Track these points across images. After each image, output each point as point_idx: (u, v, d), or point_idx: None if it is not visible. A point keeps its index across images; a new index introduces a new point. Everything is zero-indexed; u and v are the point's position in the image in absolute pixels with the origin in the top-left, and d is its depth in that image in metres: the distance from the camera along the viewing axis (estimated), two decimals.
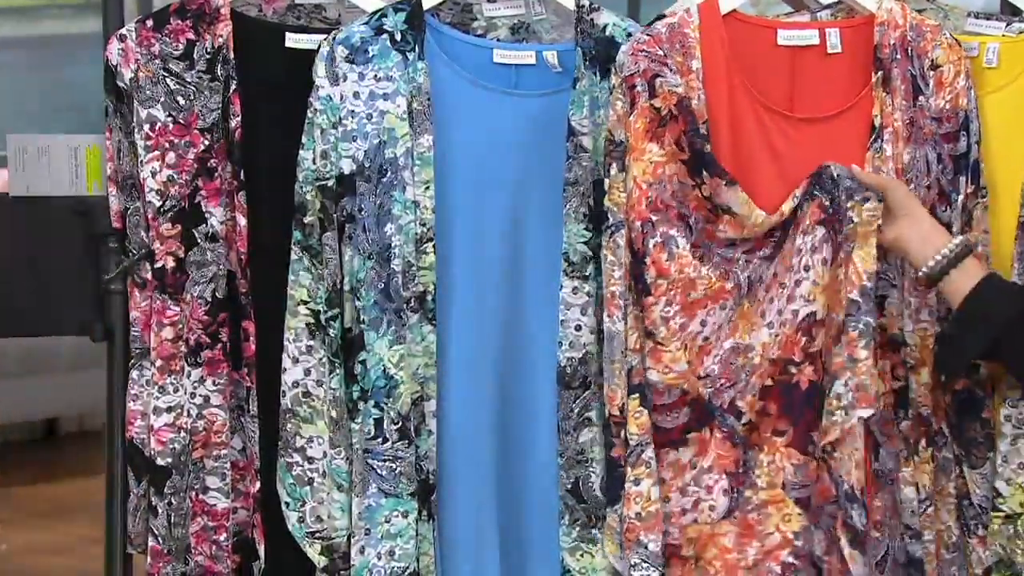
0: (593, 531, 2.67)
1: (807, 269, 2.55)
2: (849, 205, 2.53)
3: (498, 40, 2.76)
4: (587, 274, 2.65)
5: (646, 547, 2.58)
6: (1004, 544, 2.66)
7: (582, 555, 2.68)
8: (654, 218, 2.57)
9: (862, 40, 2.65)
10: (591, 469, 2.67)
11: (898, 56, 2.63)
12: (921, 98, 2.63)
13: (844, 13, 2.72)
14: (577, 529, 2.68)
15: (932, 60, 2.64)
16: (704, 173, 2.56)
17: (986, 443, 2.64)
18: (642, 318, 2.58)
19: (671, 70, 2.57)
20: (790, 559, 2.59)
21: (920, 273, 2.53)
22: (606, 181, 2.62)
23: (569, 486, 2.68)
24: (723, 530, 2.59)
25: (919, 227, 2.54)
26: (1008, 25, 2.80)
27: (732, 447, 2.59)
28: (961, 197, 2.63)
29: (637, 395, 2.59)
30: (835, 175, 2.54)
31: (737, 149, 2.61)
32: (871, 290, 2.52)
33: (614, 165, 2.60)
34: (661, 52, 2.58)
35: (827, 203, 2.54)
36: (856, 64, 2.66)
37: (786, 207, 2.56)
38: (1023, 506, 2.65)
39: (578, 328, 2.66)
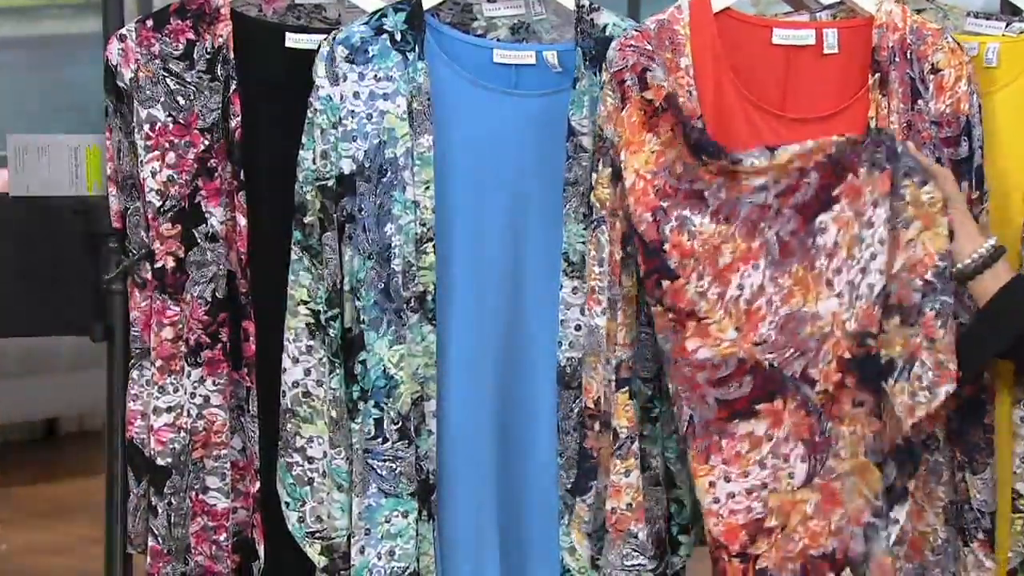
0: None
1: (882, 242, 2.52)
2: (905, 183, 2.52)
3: (498, 40, 2.76)
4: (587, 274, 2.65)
5: (636, 536, 2.59)
6: None
7: (580, 555, 2.68)
8: (665, 204, 2.56)
9: (860, 42, 2.64)
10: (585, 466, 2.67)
11: (897, 59, 2.62)
12: (920, 102, 2.63)
13: (844, 14, 2.72)
14: (577, 529, 2.68)
15: (933, 64, 2.63)
16: (704, 156, 2.55)
17: (987, 448, 2.63)
18: (664, 306, 2.55)
19: (658, 65, 2.57)
20: (872, 519, 2.58)
21: (953, 269, 2.53)
22: (594, 176, 2.61)
23: (569, 486, 2.68)
24: (804, 497, 2.58)
25: (960, 224, 2.54)
26: (1008, 25, 2.80)
27: (807, 415, 2.57)
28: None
29: (626, 388, 2.59)
30: (897, 149, 2.53)
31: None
32: (945, 270, 2.52)
33: (601, 161, 2.60)
34: (649, 47, 2.58)
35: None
36: (853, 66, 2.65)
37: (809, 144, 2.54)
38: None
39: (578, 328, 2.66)
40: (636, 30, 2.62)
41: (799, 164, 2.54)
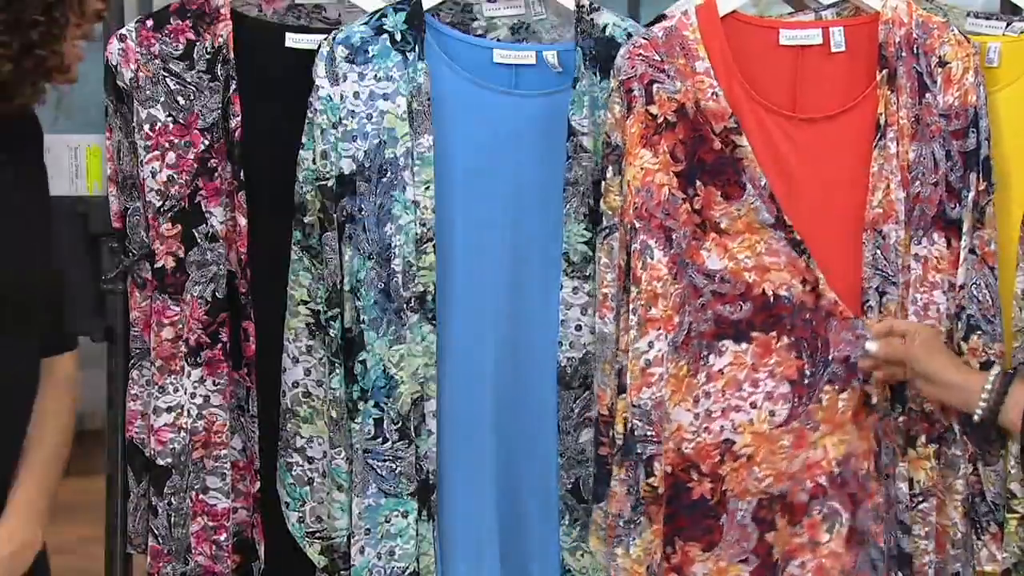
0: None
1: (754, 407, 2.59)
2: (826, 390, 2.60)
3: (498, 40, 2.76)
4: (587, 274, 2.65)
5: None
6: (1020, 545, 2.66)
7: (582, 555, 2.68)
8: (637, 224, 2.57)
9: (866, 38, 2.65)
10: (591, 469, 2.67)
11: (903, 53, 2.62)
12: (928, 95, 2.63)
13: (849, 12, 2.72)
14: (577, 529, 2.68)
15: (940, 57, 2.64)
16: (699, 183, 2.56)
17: (999, 440, 2.64)
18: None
19: (669, 76, 2.57)
20: (822, 480, 2.61)
21: (976, 419, 2.52)
22: (603, 183, 2.62)
23: (569, 486, 2.68)
24: (779, 436, 2.60)
25: (946, 378, 2.54)
26: (1009, 25, 2.80)
27: (797, 358, 2.59)
28: (972, 194, 2.62)
29: (625, 395, 2.59)
30: (829, 355, 2.59)
31: None
32: (839, 476, 2.61)
33: (610, 168, 2.60)
34: (658, 57, 2.58)
35: (807, 371, 2.59)
36: (860, 62, 2.65)
37: (784, 290, 2.59)
38: None
39: (578, 328, 2.66)
40: (644, 38, 2.61)
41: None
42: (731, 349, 2.59)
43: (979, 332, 2.61)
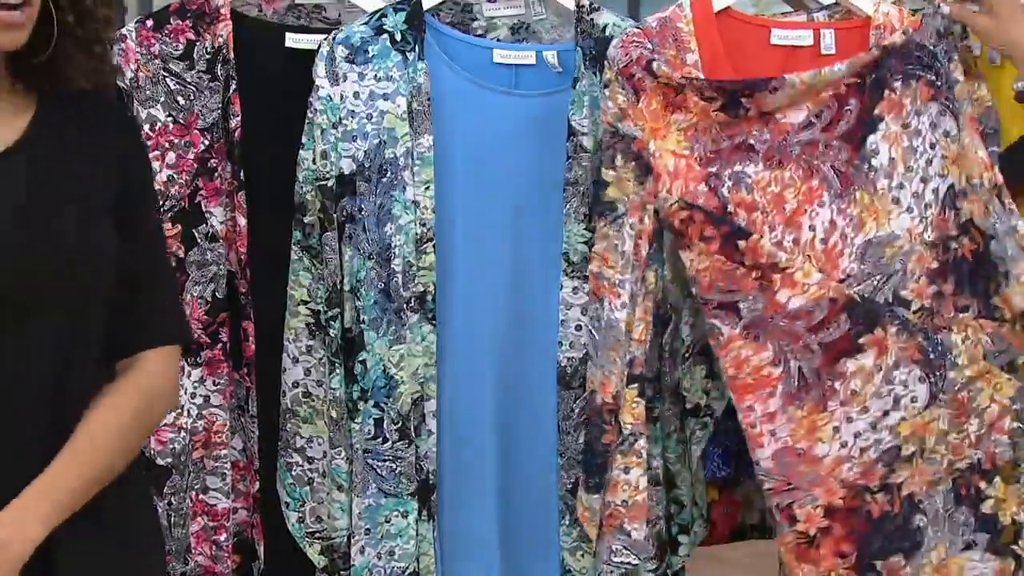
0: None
1: (933, 146, 2.54)
2: (952, 67, 2.55)
3: (498, 40, 2.76)
4: (587, 274, 2.65)
5: (628, 535, 2.59)
6: None
7: (583, 555, 2.68)
8: (713, 169, 2.56)
9: (856, 42, 2.64)
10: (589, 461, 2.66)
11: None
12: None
13: (841, 15, 2.71)
14: (578, 529, 2.68)
15: None
16: (743, 101, 2.55)
17: None
18: (747, 266, 2.55)
19: (660, 61, 2.57)
20: (1015, 425, 2.57)
21: (1018, 85, 2.54)
22: (607, 172, 2.60)
23: (570, 486, 2.68)
24: (934, 415, 2.57)
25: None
26: None
27: (910, 337, 2.56)
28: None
29: (636, 385, 2.58)
30: (932, 48, 2.54)
31: None
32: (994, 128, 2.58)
33: (619, 156, 2.59)
34: (650, 46, 2.58)
35: (933, 78, 2.55)
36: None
37: (842, 65, 2.56)
38: None
39: (578, 328, 2.66)
40: (638, 27, 2.62)
41: (833, 91, 2.56)
42: (852, 367, 2.57)
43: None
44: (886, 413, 2.56)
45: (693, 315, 2.63)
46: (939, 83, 2.56)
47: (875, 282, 2.56)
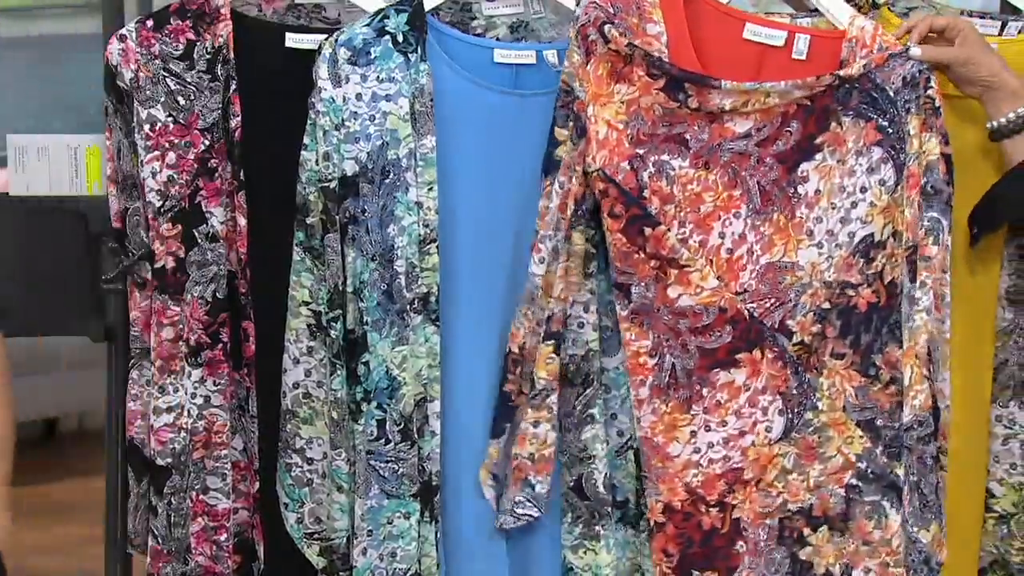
0: (596, 528, 2.67)
1: (863, 190, 2.54)
2: (908, 119, 2.53)
3: (497, 39, 2.76)
4: (589, 272, 2.65)
5: (533, 487, 2.61)
6: (998, 544, 2.66)
7: (585, 552, 2.68)
8: (641, 151, 2.56)
9: (829, 52, 2.60)
10: (593, 466, 2.66)
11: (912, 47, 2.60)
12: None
13: (825, 23, 2.69)
14: (580, 527, 2.67)
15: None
16: (687, 85, 2.54)
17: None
18: (647, 253, 2.55)
19: (619, 26, 2.56)
20: (854, 481, 2.58)
21: (993, 124, 2.53)
22: (559, 131, 2.59)
23: (571, 484, 2.67)
24: (782, 451, 2.59)
25: (999, 82, 2.52)
26: (1004, 25, 2.79)
27: (784, 367, 2.58)
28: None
29: (552, 342, 2.59)
30: (892, 95, 2.53)
31: None
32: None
33: (569, 116, 2.58)
34: (612, 10, 2.56)
35: (884, 123, 2.53)
36: (819, 74, 2.62)
37: (801, 83, 2.54)
38: (1015, 506, 2.65)
39: (580, 325, 2.66)
40: None
41: (782, 107, 2.55)
42: (723, 379, 2.59)
43: None
44: (742, 433, 2.59)
45: None
46: (889, 130, 2.54)
47: (767, 304, 2.57)
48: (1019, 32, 2.78)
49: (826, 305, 2.56)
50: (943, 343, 2.53)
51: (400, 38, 2.66)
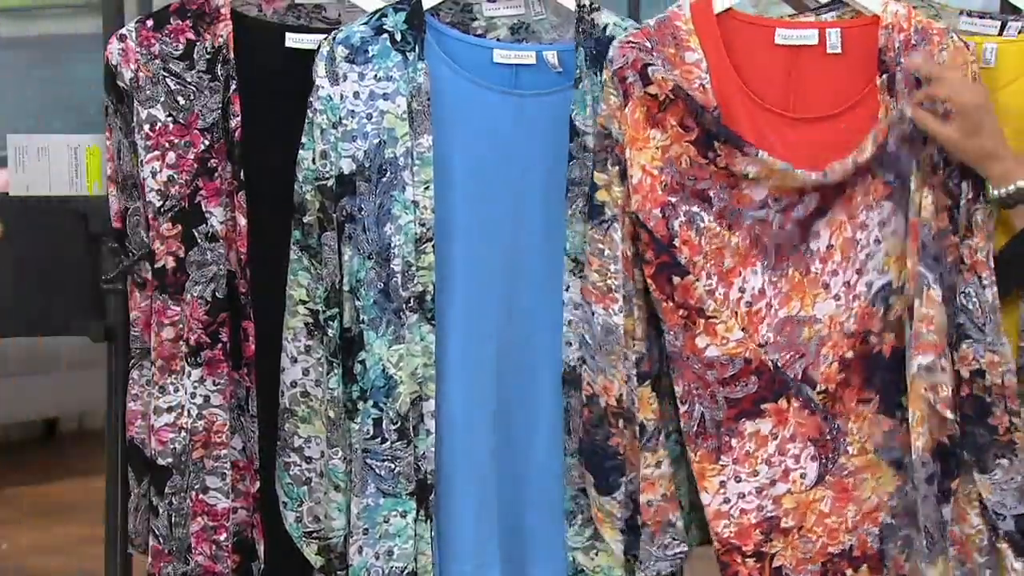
0: None
1: (878, 242, 2.59)
2: (912, 170, 2.58)
3: (498, 40, 2.76)
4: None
5: (674, 525, 2.62)
6: None
7: (596, 554, 2.68)
8: (673, 200, 2.58)
9: (863, 41, 2.64)
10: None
11: (902, 60, 2.63)
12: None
13: (848, 14, 2.71)
14: (590, 529, 2.68)
15: (938, 64, 2.64)
16: (716, 145, 2.57)
17: (993, 448, 2.63)
18: (675, 302, 2.58)
19: (659, 63, 2.58)
20: (888, 520, 2.62)
21: (997, 192, 2.55)
22: (599, 175, 2.61)
23: (582, 486, 2.67)
24: (818, 496, 2.61)
25: (998, 153, 2.55)
26: (1005, 25, 2.79)
27: (811, 415, 2.60)
28: (964, 202, 2.63)
29: (648, 382, 2.60)
30: (896, 152, 2.56)
31: None
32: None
33: (608, 159, 2.60)
34: (648, 44, 2.59)
35: (891, 178, 2.58)
36: (856, 65, 2.65)
37: (835, 167, 2.57)
38: None
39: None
40: (636, 28, 2.63)
41: (806, 184, 2.58)
42: (750, 428, 2.61)
43: (969, 340, 2.60)
44: (773, 483, 2.61)
45: None
46: (895, 183, 2.59)
47: (788, 356, 2.60)
48: (1019, 32, 2.78)
49: (849, 354, 2.61)
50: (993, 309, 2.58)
51: (398, 37, 2.66)
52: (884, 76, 2.62)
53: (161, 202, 2.71)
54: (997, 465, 2.61)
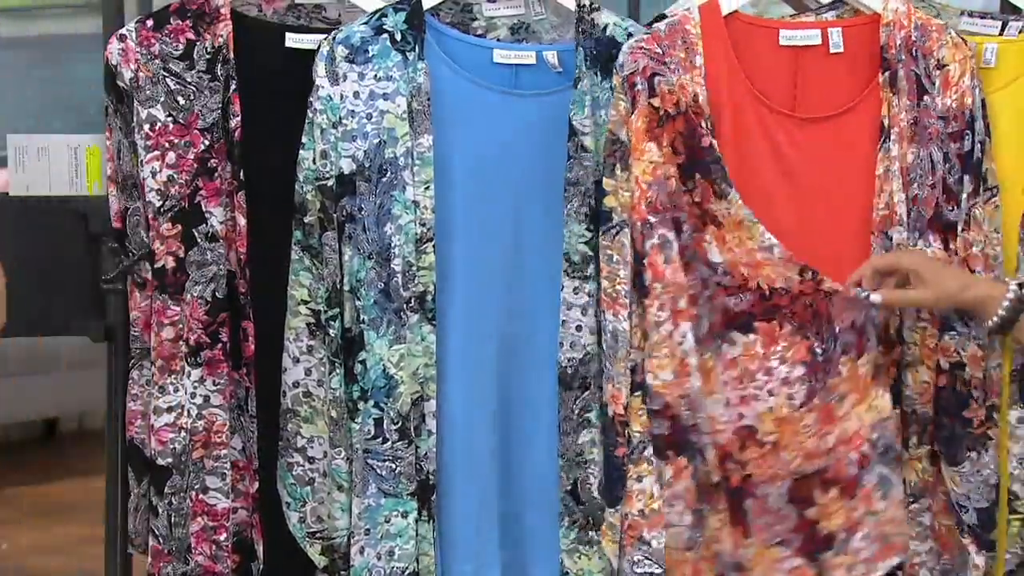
0: (591, 533, 2.67)
1: (771, 394, 2.60)
2: (842, 360, 2.58)
3: (498, 40, 2.76)
4: (588, 274, 2.65)
5: (649, 544, 2.58)
6: (1023, 546, 2.66)
7: (579, 557, 2.68)
8: (652, 219, 2.57)
9: (865, 40, 2.65)
10: (589, 471, 2.67)
11: (903, 56, 2.63)
12: (926, 97, 2.64)
13: (848, 13, 2.72)
14: (576, 531, 2.68)
15: (938, 60, 2.64)
16: (697, 176, 2.57)
17: (965, 440, 2.63)
18: (644, 317, 2.59)
19: (670, 68, 2.58)
20: (867, 449, 2.61)
21: (990, 323, 2.52)
22: (608, 181, 2.62)
23: (568, 487, 2.67)
24: (804, 418, 2.60)
25: (969, 279, 2.56)
26: (1005, 25, 2.80)
27: (804, 340, 2.59)
28: (964, 197, 2.63)
29: (639, 393, 2.59)
30: (835, 328, 2.58)
31: (739, 150, 2.61)
32: (879, 440, 2.60)
33: (617, 164, 2.61)
34: (659, 50, 2.59)
35: (818, 350, 2.59)
36: (858, 63, 2.66)
37: (781, 282, 2.59)
38: None
39: (579, 328, 2.66)
40: (647, 32, 2.63)
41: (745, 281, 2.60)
42: (740, 340, 2.60)
43: (952, 332, 2.61)
44: (756, 396, 2.60)
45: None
46: (820, 358, 2.59)
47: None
48: (1019, 32, 2.79)
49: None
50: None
51: (398, 37, 2.66)
52: (886, 73, 2.63)
53: (161, 202, 2.71)
54: (967, 458, 2.61)
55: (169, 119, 2.71)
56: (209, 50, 2.72)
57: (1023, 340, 2.53)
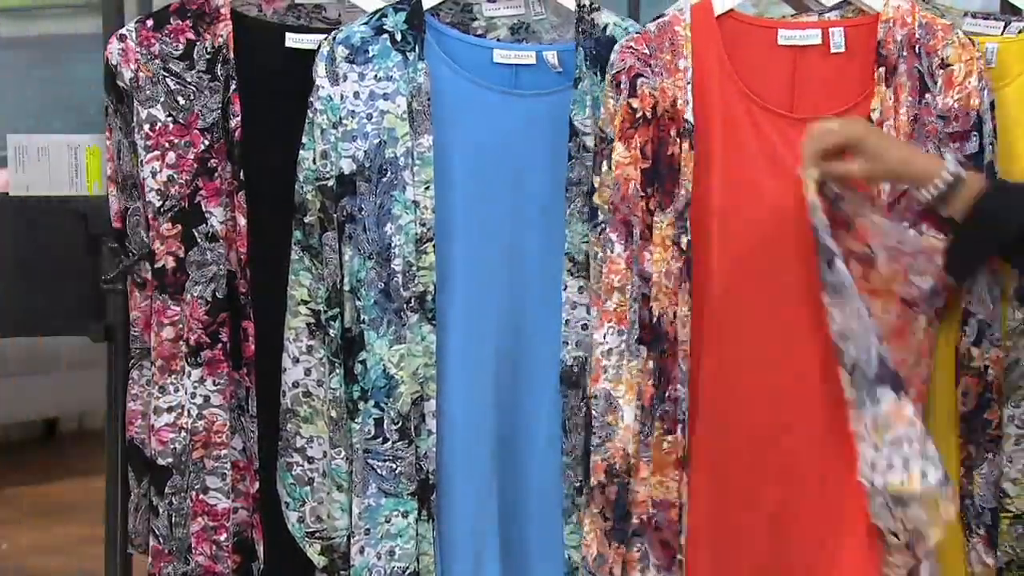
0: None
1: None
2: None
3: (498, 40, 2.77)
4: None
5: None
6: (1013, 544, 2.66)
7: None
8: (600, 216, 2.61)
9: (867, 39, 2.65)
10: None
11: (904, 53, 2.62)
12: (928, 95, 2.63)
13: (851, 13, 2.72)
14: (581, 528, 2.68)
15: (942, 59, 2.63)
16: (656, 184, 2.58)
17: (990, 443, 2.64)
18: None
19: (653, 70, 2.58)
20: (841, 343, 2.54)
21: (928, 193, 2.48)
22: (596, 178, 2.62)
23: (578, 484, 2.67)
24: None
25: (910, 153, 2.53)
26: (1007, 25, 2.80)
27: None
28: None
29: None
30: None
31: (730, 151, 2.61)
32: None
33: (604, 162, 2.61)
34: (647, 51, 2.59)
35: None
36: (860, 63, 2.65)
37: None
38: None
39: (584, 327, 2.66)
40: (638, 32, 2.63)
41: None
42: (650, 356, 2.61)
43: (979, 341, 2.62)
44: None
45: None
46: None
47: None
48: (1020, 32, 2.79)
49: None
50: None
51: (398, 37, 2.66)
52: (881, 69, 2.62)
53: (161, 202, 2.71)
54: (985, 459, 2.61)
55: (169, 119, 2.71)
56: (209, 50, 2.72)
57: (957, 216, 2.48)
